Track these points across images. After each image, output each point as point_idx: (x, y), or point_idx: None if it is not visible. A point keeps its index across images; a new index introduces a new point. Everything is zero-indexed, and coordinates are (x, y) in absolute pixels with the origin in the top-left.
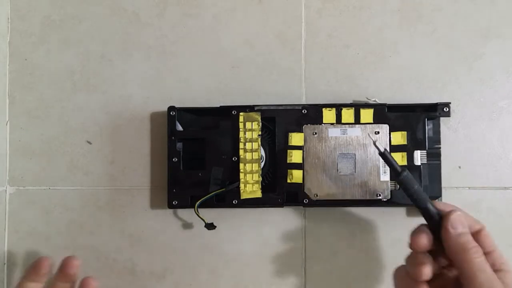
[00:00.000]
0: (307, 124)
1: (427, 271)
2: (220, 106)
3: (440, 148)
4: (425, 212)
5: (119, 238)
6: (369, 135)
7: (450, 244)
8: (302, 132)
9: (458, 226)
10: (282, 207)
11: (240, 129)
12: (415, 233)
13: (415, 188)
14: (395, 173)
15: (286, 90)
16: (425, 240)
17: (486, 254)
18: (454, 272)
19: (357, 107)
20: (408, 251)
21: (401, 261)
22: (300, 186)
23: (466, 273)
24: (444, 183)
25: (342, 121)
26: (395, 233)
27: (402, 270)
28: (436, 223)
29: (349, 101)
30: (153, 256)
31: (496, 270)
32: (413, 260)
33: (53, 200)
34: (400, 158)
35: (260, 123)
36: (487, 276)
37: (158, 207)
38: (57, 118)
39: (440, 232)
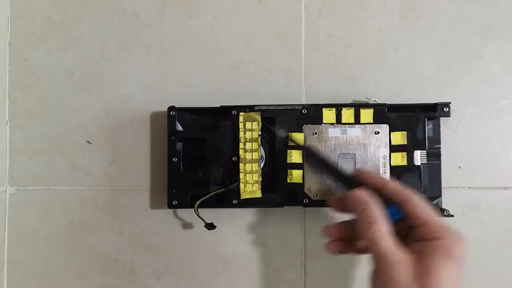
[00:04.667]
0: (307, 124)
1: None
2: (220, 106)
3: (440, 148)
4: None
5: (119, 238)
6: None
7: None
8: (302, 132)
9: (357, 205)
10: (282, 207)
11: (240, 129)
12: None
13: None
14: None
15: (286, 90)
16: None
17: (416, 227)
18: None
19: (357, 107)
20: None
21: None
22: (300, 186)
23: (368, 244)
24: (444, 183)
25: (342, 121)
26: None
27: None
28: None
29: (349, 101)
30: (153, 256)
31: (428, 239)
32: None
33: (53, 200)
34: (400, 158)
35: (260, 123)
36: (382, 249)
37: (158, 207)
38: (57, 118)
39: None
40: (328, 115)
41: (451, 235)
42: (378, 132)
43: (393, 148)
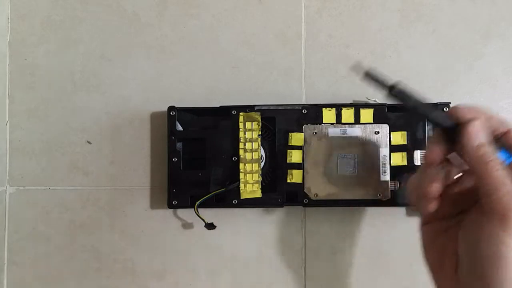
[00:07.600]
0: (307, 124)
1: (435, 188)
2: (220, 106)
3: None
4: (436, 123)
5: (119, 238)
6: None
7: (469, 157)
8: (302, 132)
9: (475, 138)
10: (282, 207)
11: (240, 129)
12: (430, 144)
13: (414, 99)
14: (386, 89)
15: (286, 90)
16: (437, 154)
17: None
18: (471, 181)
19: (357, 107)
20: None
21: (401, 261)
22: (300, 186)
23: (485, 186)
24: None
25: (342, 121)
26: (395, 233)
27: (414, 181)
28: (451, 132)
29: (349, 101)
30: (153, 256)
31: None
32: (423, 175)
33: (53, 200)
34: (400, 158)
35: (260, 123)
36: (507, 189)
37: (158, 207)
38: (57, 118)
39: (457, 142)
40: (328, 115)
41: None
42: (378, 132)
43: (393, 148)
